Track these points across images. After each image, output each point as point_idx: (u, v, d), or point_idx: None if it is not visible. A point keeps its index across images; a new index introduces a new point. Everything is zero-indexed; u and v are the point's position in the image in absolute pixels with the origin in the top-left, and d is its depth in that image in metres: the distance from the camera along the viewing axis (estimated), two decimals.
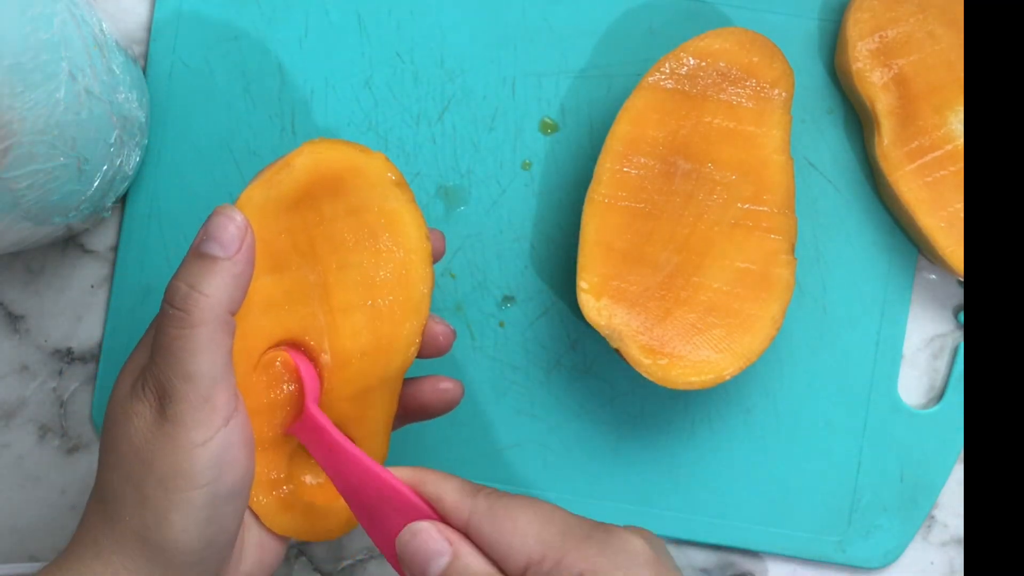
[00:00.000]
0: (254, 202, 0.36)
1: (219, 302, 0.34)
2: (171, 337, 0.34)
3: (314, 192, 0.37)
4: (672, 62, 0.45)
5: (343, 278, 0.38)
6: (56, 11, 0.36)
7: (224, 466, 0.34)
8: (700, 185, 0.45)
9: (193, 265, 0.34)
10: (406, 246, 0.38)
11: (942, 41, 0.47)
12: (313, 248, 0.37)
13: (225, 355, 0.34)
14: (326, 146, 0.37)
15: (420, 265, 0.38)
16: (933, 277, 0.50)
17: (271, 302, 0.37)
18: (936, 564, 0.50)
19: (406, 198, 0.38)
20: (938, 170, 0.47)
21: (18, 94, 0.34)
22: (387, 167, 0.38)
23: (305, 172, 0.37)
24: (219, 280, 0.34)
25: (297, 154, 0.37)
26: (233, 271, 0.34)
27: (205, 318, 0.34)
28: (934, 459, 0.49)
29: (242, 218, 0.35)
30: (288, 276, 0.37)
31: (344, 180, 0.37)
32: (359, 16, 0.49)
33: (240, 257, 0.35)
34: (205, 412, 0.34)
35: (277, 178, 0.37)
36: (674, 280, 0.45)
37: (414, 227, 0.38)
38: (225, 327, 0.34)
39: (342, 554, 0.50)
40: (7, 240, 0.40)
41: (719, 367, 0.44)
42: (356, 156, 0.38)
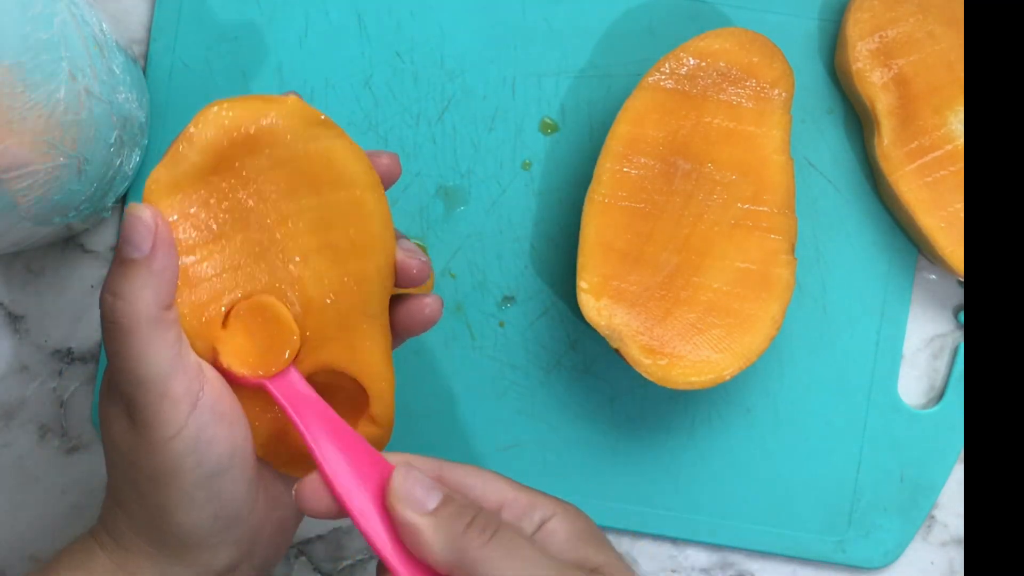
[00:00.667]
0: (162, 184, 0.35)
1: (145, 303, 0.33)
2: (112, 348, 0.34)
3: (228, 155, 0.35)
4: (672, 62, 0.45)
5: (291, 228, 0.36)
6: (56, 11, 0.36)
7: (203, 447, 0.34)
8: (700, 185, 0.45)
9: (115, 273, 0.34)
10: (350, 181, 0.36)
11: (942, 41, 0.47)
12: (246, 208, 0.36)
13: (169, 349, 0.34)
14: (226, 106, 0.35)
15: (372, 197, 0.36)
16: (933, 277, 0.50)
17: (218, 272, 0.36)
18: (936, 564, 0.50)
19: (334, 134, 0.36)
20: (938, 170, 0.47)
21: (18, 94, 0.34)
22: (301, 108, 0.36)
23: (207, 139, 0.35)
24: (139, 282, 0.33)
25: (195, 122, 0.35)
26: (152, 268, 0.34)
27: (134, 323, 0.33)
28: (934, 459, 0.49)
29: (150, 213, 0.34)
30: (228, 241, 0.36)
31: (257, 136, 0.35)
32: (359, 16, 0.49)
33: (156, 252, 0.34)
34: (166, 408, 0.34)
35: (180, 153, 0.35)
36: (674, 280, 0.45)
37: (353, 160, 0.36)
38: (159, 323, 0.34)
39: (342, 554, 0.50)
40: (7, 240, 0.40)
41: (719, 367, 0.44)
42: (261, 107, 0.35)
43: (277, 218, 0.36)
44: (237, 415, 0.36)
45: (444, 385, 0.49)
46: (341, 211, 0.36)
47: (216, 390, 0.35)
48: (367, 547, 0.50)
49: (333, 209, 0.36)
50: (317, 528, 0.50)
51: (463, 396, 0.49)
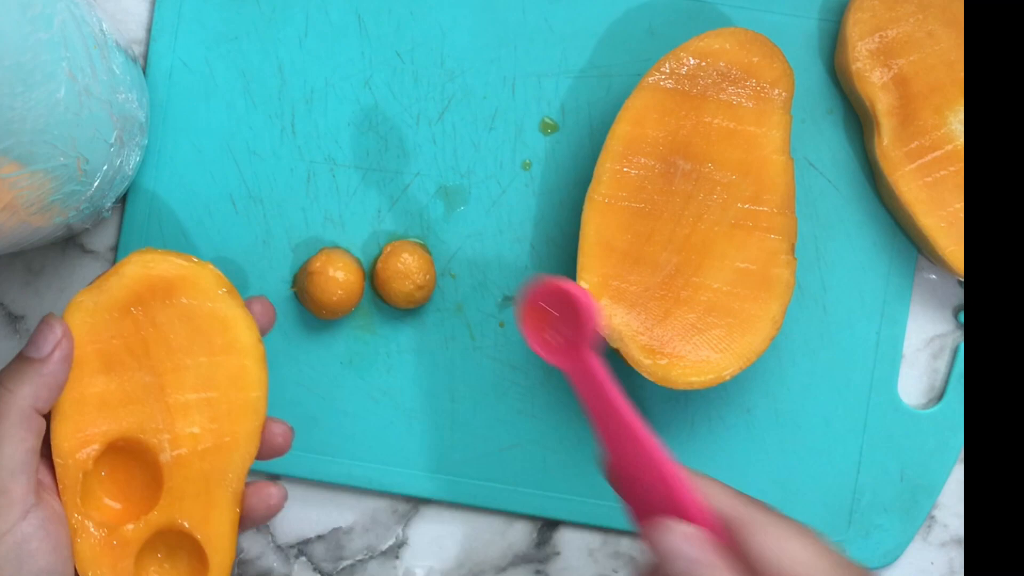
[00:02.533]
0: (84, 307, 0.38)
1: (22, 397, 0.36)
2: None
3: (144, 298, 0.39)
4: (672, 62, 0.45)
5: (179, 379, 0.39)
6: (56, 11, 0.36)
7: (24, 559, 0.35)
8: (700, 185, 0.45)
9: (10, 365, 0.37)
10: (240, 349, 0.40)
11: (942, 41, 0.47)
12: (147, 350, 0.39)
13: (26, 449, 0.36)
14: (155, 256, 0.39)
15: (255, 367, 0.40)
16: (933, 277, 0.50)
17: (105, 401, 0.39)
18: (936, 564, 0.50)
19: (236, 303, 0.40)
20: (938, 170, 0.47)
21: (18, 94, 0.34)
22: (216, 277, 0.40)
23: (133, 279, 0.39)
24: (26, 378, 0.36)
25: (126, 262, 0.39)
26: (42, 371, 0.36)
27: (7, 411, 0.36)
28: (934, 459, 0.49)
29: (61, 328, 0.37)
30: (123, 376, 0.39)
31: (175, 288, 0.39)
32: (359, 16, 0.49)
33: (51, 359, 0.37)
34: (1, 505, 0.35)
35: (107, 284, 0.39)
36: (674, 280, 0.45)
37: (246, 330, 0.40)
38: (27, 422, 0.36)
39: (342, 554, 0.50)
40: (7, 240, 0.40)
41: (719, 367, 0.44)
42: (185, 266, 0.40)
43: (170, 367, 0.39)
44: (60, 545, 0.36)
45: (444, 385, 0.49)
46: (226, 374, 0.40)
47: (53, 513, 0.36)
48: (367, 547, 0.50)
49: (220, 370, 0.40)
50: (317, 528, 0.50)
51: (463, 396, 0.49)
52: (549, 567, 0.50)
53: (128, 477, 0.40)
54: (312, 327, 0.49)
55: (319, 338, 0.49)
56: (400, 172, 0.49)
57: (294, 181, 0.49)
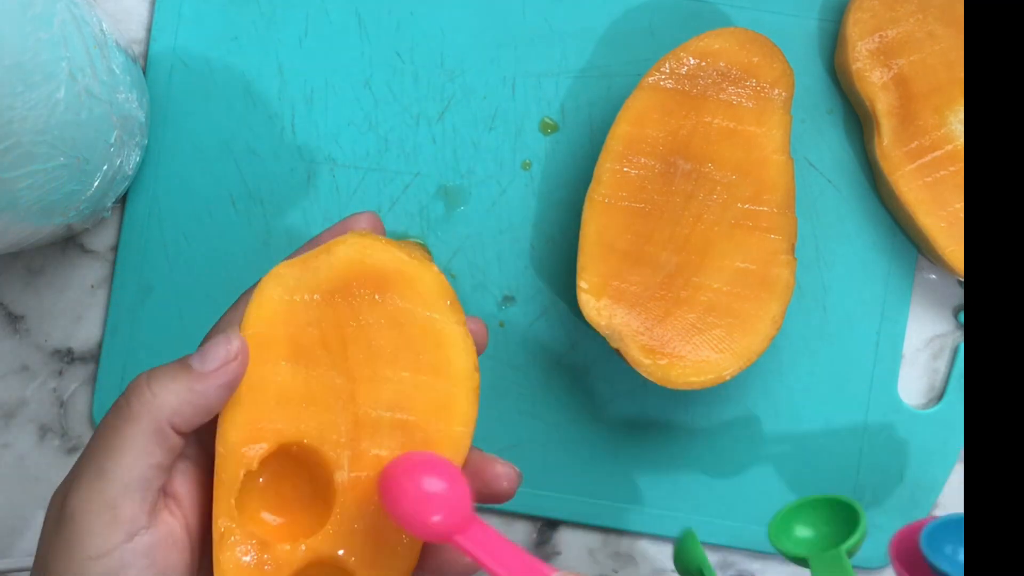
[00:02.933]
0: (284, 281, 0.33)
1: (163, 405, 0.31)
2: (105, 423, 0.32)
3: (353, 288, 0.34)
4: (672, 62, 0.45)
5: (374, 390, 0.34)
6: (56, 11, 0.36)
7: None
8: (700, 185, 0.45)
9: (168, 367, 0.32)
10: (452, 374, 0.34)
11: (942, 41, 0.47)
12: (345, 349, 0.33)
13: (149, 464, 0.31)
14: (375, 242, 0.34)
15: (465, 400, 0.34)
16: (933, 277, 0.50)
17: (288, 394, 0.33)
18: None
19: (458, 320, 0.34)
20: (938, 170, 0.47)
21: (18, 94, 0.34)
22: (440, 284, 0.34)
23: (346, 263, 0.33)
24: (176, 386, 0.31)
25: (341, 242, 0.34)
26: (195, 387, 0.31)
27: (139, 414, 0.31)
28: (934, 459, 0.49)
29: (238, 346, 0.32)
30: (311, 371, 0.33)
31: (390, 284, 0.34)
32: (359, 16, 0.49)
33: (212, 378, 0.32)
34: (103, 520, 0.30)
35: (314, 263, 0.33)
36: (674, 280, 0.45)
37: (464, 355, 0.34)
38: (158, 435, 0.31)
39: None
40: (7, 240, 0.40)
41: (719, 367, 0.44)
42: (408, 263, 0.34)
43: (368, 374, 0.34)
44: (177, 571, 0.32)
45: None
46: (431, 399, 0.34)
47: (168, 537, 0.32)
48: None
49: (424, 392, 0.34)
50: None
51: None
52: None
53: (293, 490, 0.34)
54: None
55: None
56: (400, 172, 0.49)
57: (294, 181, 0.49)
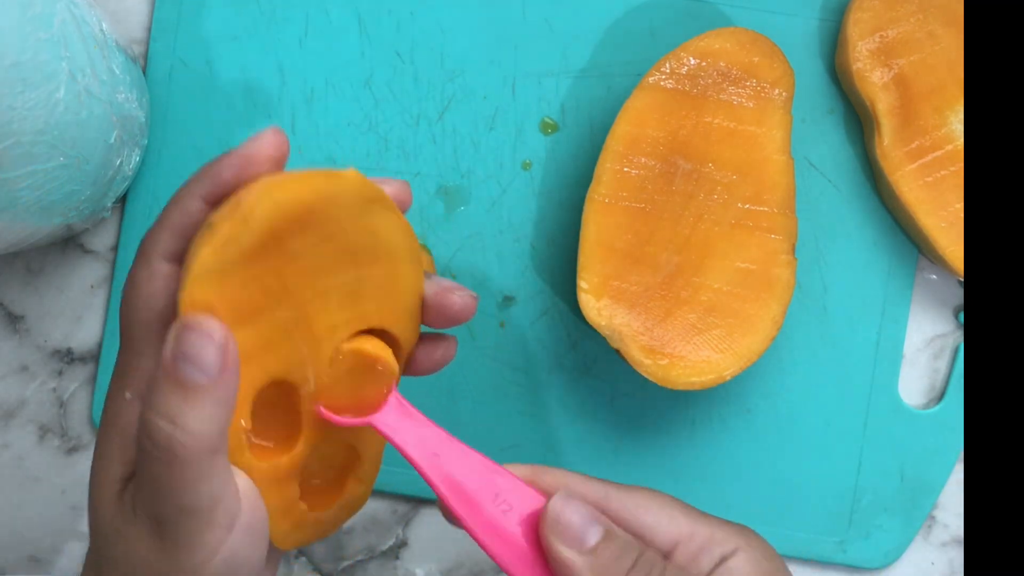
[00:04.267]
0: (210, 269, 0.31)
1: (208, 436, 0.29)
2: (155, 472, 0.30)
3: (279, 234, 0.32)
4: (672, 62, 0.45)
5: (323, 305, 0.33)
6: (56, 11, 0.36)
7: (235, 568, 0.31)
8: (700, 185, 0.45)
9: (171, 396, 0.29)
10: (390, 254, 0.34)
11: (942, 41, 0.47)
12: (284, 285, 0.33)
13: (222, 477, 0.30)
14: (286, 182, 0.32)
15: (409, 270, 0.35)
16: (934, 277, 0.50)
17: (248, 355, 0.32)
18: (936, 564, 0.50)
19: (386, 206, 0.34)
20: (938, 170, 0.47)
21: (18, 94, 0.34)
22: (360, 183, 0.33)
23: (265, 221, 0.31)
24: (205, 412, 0.29)
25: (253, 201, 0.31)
26: (217, 396, 0.29)
27: (193, 455, 0.29)
28: (934, 459, 0.49)
29: (220, 331, 0.29)
30: (261, 323, 0.32)
31: (313, 211, 0.32)
32: (359, 16, 0.49)
33: (225, 377, 0.29)
34: (206, 533, 0.30)
35: (233, 236, 0.31)
36: (674, 280, 0.45)
37: (399, 233, 0.34)
38: (217, 453, 0.30)
39: (342, 554, 0.50)
40: (7, 240, 0.40)
41: (719, 367, 0.44)
42: (322, 183, 0.32)
43: (311, 294, 0.33)
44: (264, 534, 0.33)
45: (444, 385, 0.49)
46: (375, 284, 0.34)
47: (250, 505, 0.32)
48: (367, 547, 0.50)
49: (368, 283, 0.34)
50: None
51: (463, 396, 0.49)
52: None
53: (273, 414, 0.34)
54: None
55: None
56: (400, 172, 0.49)
57: None
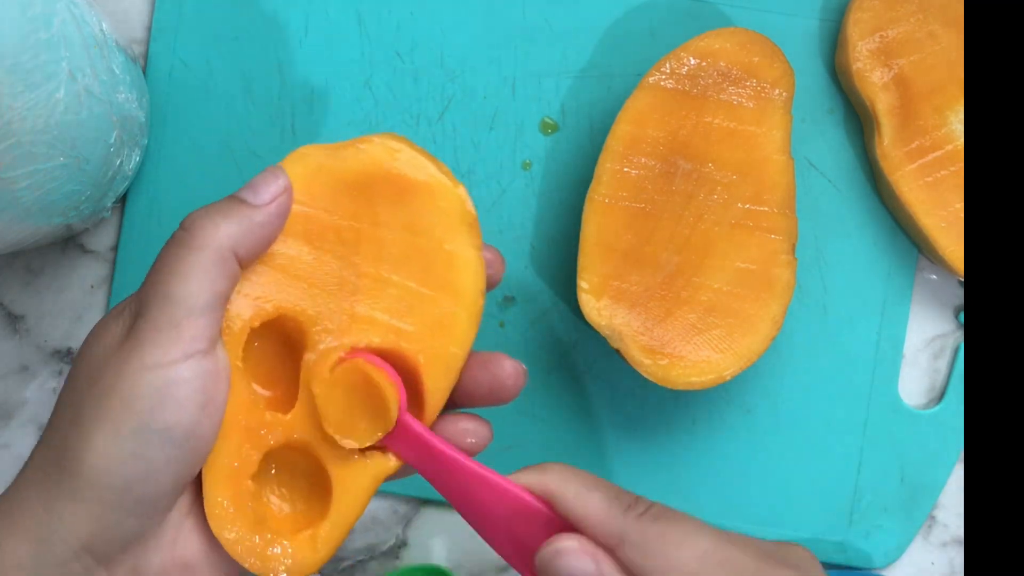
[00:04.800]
0: (309, 162, 0.34)
1: (226, 235, 0.32)
2: (166, 255, 0.32)
3: (376, 187, 0.34)
4: (672, 62, 0.45)
5: (377, 291, 0.34)
6: (56, 11, 0.36)
7: (166, 401, 0.31)
8: (700, 185, 0.45)
9: (221, 202, 0.33)
10: (458, 295, 0.34)
11: (942, 41, 0.47)
12: (357, 244, 0.34)
13: (211, 291, 0.32)
14: (407, 148, 0.34)
15: (466, 321, 0.34)
16: (934, 277, 0.50)
17: (292, 268, 0.34)
18: (936, 564, 0.50)
19: (474, 243, 0.34)
20: (938, 170, 0.47)
21: (18, 94, 0.34)
22: (464, 204, 0.34)
23: (373, 161, 0.33)
24: (236, 218, 0.32)
25: (370, 140, 0.34)
26: (254, 218, 0.33)
27: (204, 243, 0.32)
28: (934, 459, 0.49)
29: (285, 181, 0.33)
30: (320, 255, 0.34)
31: (414, 193, 0.34)
32: (359, 16, 0.49)
33: (267, 209, 0.33)
34: (166, 336, 0.31)
35: (343, 152, 0.34)
36: (674, 280, 0.45)
37: (473, 277, 0.34)
38: (222, 263, 0.32)
39: (342, 554, 0.50)
40: (7, 240, 0.40)
41: (719, 367, 0.44)
42: (435, 176, 0.34)
43: (374, 273, 0.34)
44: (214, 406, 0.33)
45: None
46: (431, 314, 0.34)
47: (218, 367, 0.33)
48: (367, 547, 0.50)
49: (426, 306, 0.34)
50: None
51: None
52: None
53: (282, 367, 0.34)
54: None
55: None
56: None
57: None
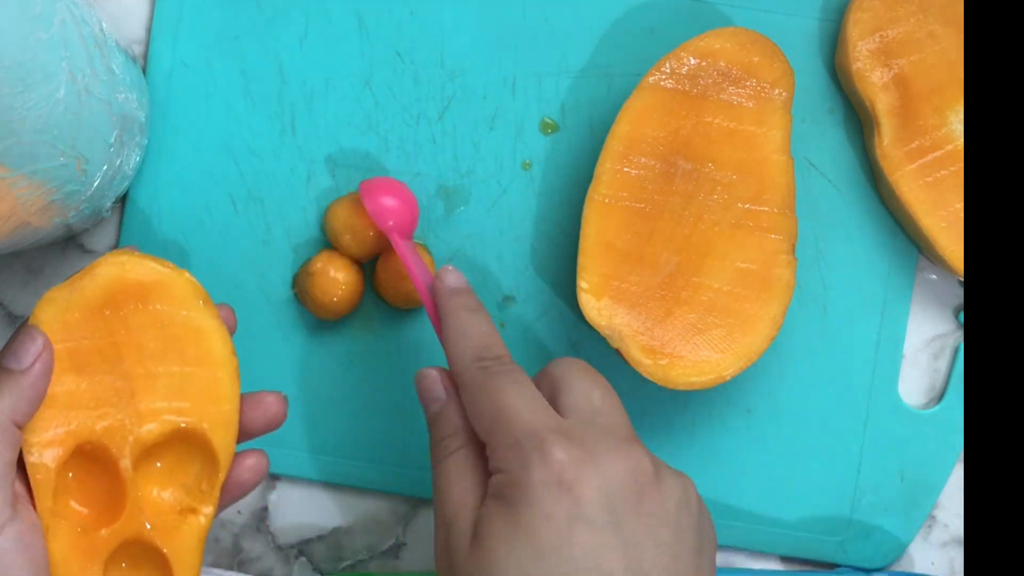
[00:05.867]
0: (56, 304, 0.38)
1: (1, 411, 0.35)
2: None
3: (118, 300, 0.38)
4: (672, 62, 0.45)
5: (150, 385, 0.38)
6: (56, 11, 0.36)
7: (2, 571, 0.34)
8: (700, 185, 0.45)
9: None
10: (214, 361, 0.39)
11: (942, 41, 0.47)
12: (119, 354, 0.38)
13: (3, 463, 0.35)
14: (131, 259, 0.38)
15: (228, 381, 0.39)
16: (933, 277, 0.50)
17: (75, 400, 0.38)
18: (936, 564, 0.50)
19: (211, 313, 0.39)
20: (938, 170, 0.47)
21: (18, 94, 0.34)
22: (193, 286, 0.39)
23: (107, 280, 0.38)
24: (7, 391, 0.35)
25: (101, 263, 0.38)
26: (23, 382, 0.36)
27: None
28: (934, 459, 0.49)
29: (42, 339, 0.37)
30: (93, 378, 0.38)
31: (150, 293, 0.38)
32: (359, 16, 0.49)
33: (32, 371, 0.36)
34: None
35: (80, 283, 0.38)
36: (674, 280, 0.45)
37: (220, 342, 0.39)
38: (4, 436, 0.35)
39: (342, 554, 0.50)
40: (7, 240, 0.40)
41: (719, 367, 0.44)
42: (161, 271, 0.39)
43: (142, 372, 0.38)
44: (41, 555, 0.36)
45: None
46: (199, 386, 0.39)
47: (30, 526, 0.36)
48: (367, 547, 0.50)
49: (192, 381, 0.39)
50: (317, 528, 0.50)
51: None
52: None
53: (95, 483, 0.39)
54: (312, 327, 0.49)
55: (319, 338, 0.49)
56: (400, 172, 0.49)
57: (294, 181, 0.49)
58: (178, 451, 0.40)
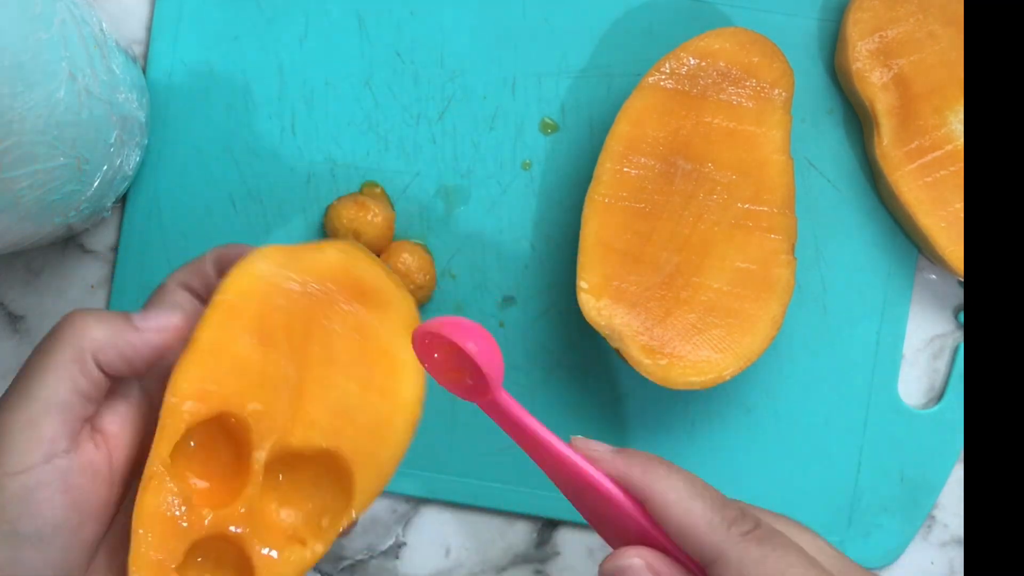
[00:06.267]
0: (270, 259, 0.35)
1: (91, 338, 0.33)
2: (32, 353, 0.34)
3: (331, 289, 0.35)
4: (672, 62, 0.45)
5: (321, 392, 0.35)
6: (56, 11, 0.36)
7: (30, 505, 0.31)
8: (700, 185, 0.45)
9: (108, 311, 0.35)
10: (397, 401, 0.36)
11: (942, 41, 0.47)
12: (306, 343, 0.35)
13: (71, 389, 0.33)
14: (366, 256, 0.35)
15: (402, 428, 0.36)
16: (933, 277, 0.50)
17: (242, 367, 0.34)
18: (936, 564, 0.50)
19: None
20: (938, 170, 0.47)
21: (18, 94, 0.34)
22: (412, 313, 0.35)
23: (332, 264, 0.35)
24: (109, 328, 0.34)
25: (332, 245, 0.35)
26: (126, 335, 0.34)
27: (65, 342, 0.33)
28: (934, 459, 0.49)
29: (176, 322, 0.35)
30: (269, 353, 0.34)
31: (366, 298, 0.35)
32: (359, 16, 0.49)
33: (143, 335, 0.34)
34: (25, 437, 0.32)
35: (303, 253, 0.35)
36: (674, 280, 0.45)
37: (413, 387, 0.36)
38: (79, 363, 0.33)
39: (342, 554, 0.50)
40: (7, 240, 0.40)
41: (719, 367, 0.44)
42: (388, 284, 0.35)
43: (319, 376, 0.35)
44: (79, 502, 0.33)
45: None
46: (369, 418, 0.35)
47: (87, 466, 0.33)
48: (367, 547, 0.50)
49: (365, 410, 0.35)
50: None
51: None
52: (549, 567, 0.50)
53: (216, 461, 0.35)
54: None
55: None
56: (400, 172, 0.49)
57: (294, 181, 0.49)
58: (315, 473, 0.35)
